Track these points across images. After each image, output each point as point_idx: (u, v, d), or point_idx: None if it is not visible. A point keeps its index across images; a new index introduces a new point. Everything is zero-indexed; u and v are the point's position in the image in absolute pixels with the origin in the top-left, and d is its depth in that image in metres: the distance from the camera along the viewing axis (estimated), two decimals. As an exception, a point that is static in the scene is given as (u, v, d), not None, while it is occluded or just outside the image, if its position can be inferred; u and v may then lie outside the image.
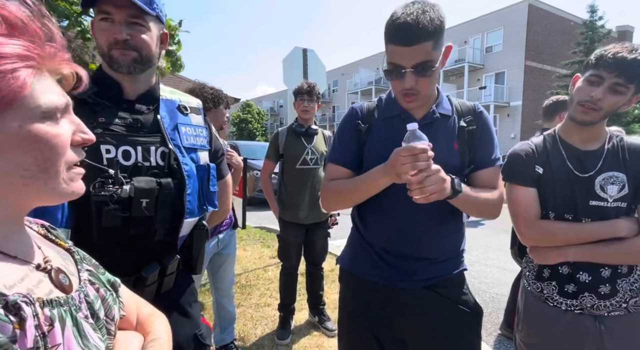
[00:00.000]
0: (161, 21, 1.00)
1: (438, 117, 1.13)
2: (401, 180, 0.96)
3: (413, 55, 0.98)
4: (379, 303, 1.16)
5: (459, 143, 1.13)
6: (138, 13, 0.91)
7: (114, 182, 0.86)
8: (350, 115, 1.22)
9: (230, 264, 2.25)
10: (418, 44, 0.96)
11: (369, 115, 1.20)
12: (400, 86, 1.05)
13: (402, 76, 1.02)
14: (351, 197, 1.16)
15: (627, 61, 1.06)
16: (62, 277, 0.49)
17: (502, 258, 4.43)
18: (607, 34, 17.88)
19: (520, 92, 21.29)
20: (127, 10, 0.90)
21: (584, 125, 1.17)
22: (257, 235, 5.48)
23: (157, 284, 0.99)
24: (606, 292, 1.16)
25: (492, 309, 3.14)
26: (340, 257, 1.31)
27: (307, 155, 2.47)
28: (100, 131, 0.90)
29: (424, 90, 1.05)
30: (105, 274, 0.62)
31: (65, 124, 0.47)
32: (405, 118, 1.11)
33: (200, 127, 1.10)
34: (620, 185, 1.14)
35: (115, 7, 0.90)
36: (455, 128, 1.14)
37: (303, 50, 4.44)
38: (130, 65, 0.93)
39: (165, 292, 1.02)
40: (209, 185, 1.07)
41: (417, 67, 0.99)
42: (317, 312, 2.74)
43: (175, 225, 0.99)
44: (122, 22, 0.91)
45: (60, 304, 0.45)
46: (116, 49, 0.92)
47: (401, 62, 1.00)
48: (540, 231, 1.19)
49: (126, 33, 0.91)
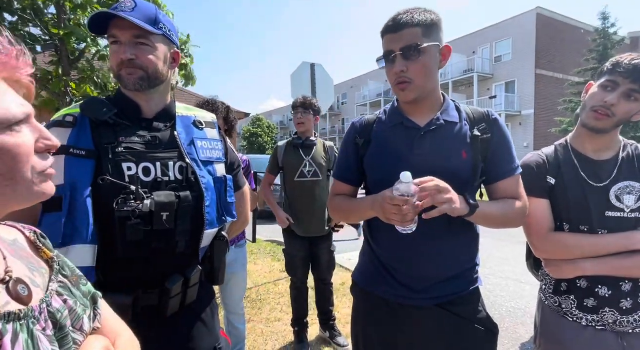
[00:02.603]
0: (171, 40, 1.04)
1: (442, 123, 1.11)
2: (388, 222, 0.97)
3: (400, 39, 1.03)
4: (390, 320, 1.13)
5: (469, 152, 1.09)
6: (142, 33, 0.96)
7: (135, 198, 0.90)
8: (349, 131, 1.25)
9: (238, 282, 2.22)
10: (405, 28, 1.02)
11: (367, 128, 1.20)
12: (393, 73, 1.07)
13: (393, 61, 1.05)
14: (350, 218, 1.22)
15: None
16: (21, 288, 0.48)
17: (519, 270, 4.30)
18: (620, 41, 17.66)
19: (532, 101, 21.06)
20: (131, 31, 0.95)
21: (597, 132, 1.15)
22: (267, 248, 5.47)
23: (182, 295, 1.01)
24: (628, 307, 1.11)
25: (509, 323, 3.03)
26: (354, 271, 1.30)
27: (304, 168, 2.48)
28: (122, 150, 0.94)
29: (417, 77, 1.05)
30: (87, 285, 0.62)
31: (27, 133, 0.48)
32: (409, 125, 1.12)
33: (216, 140, 1.13)
34: (638, 196, 1.11)
35: (120, 29, 0.95)
36: (466, 136, 1.10)
37: (311, 65, 4.51)
38: (136, 83, 0.97)
39: (188, 304, 1.04)
40: (226, 196, 1.09)
41: (404, 49, 1.02)
42: (327, 327, 2.69)
43: (196, 237, 1.01)
44: (127, 43, 0.96)
45: (17, 317, 0.44)
46: (123, 69, 0.96)
47: (390, 47, 1.05)
48: (554, 244, 1.16)
49: (131, 53, 0.95)
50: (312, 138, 2.55)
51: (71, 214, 0.86)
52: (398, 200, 0.90)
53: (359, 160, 1.19)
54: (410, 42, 1.02)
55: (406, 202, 0.89)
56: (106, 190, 0.89)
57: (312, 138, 2.55)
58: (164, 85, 1.05)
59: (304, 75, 4.49)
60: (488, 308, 1.17)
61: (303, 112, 2.50)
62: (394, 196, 0.91)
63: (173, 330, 1.01)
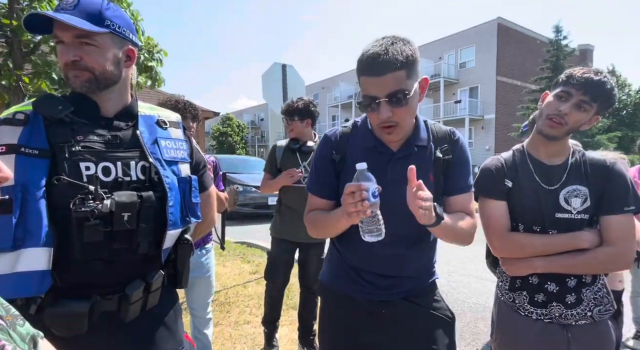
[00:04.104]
0: (123, 37, 0.99)
1: (414, 150, 1.11)
2: (353, 221, 0.97)
3: (385, 84, 0.96)
4: (359, 315, 1.18)
5: (434, 174, 1.12)
6: (84, 33, 0.90)
7: (94, 198, 0.87)
8: (324, 145, 1.20)
9: (205, 285, 2.16)
10: (389, 72, 0.95)
11: (342, 143, 1.18)
12: (376, 118, 1.02)
13: (377, 107, 1.00)
14: (325, 233, 1.20)
15: (594, 81, 1.15)
16: None
17: (480, 268, 4.53)
18: (571, 52, 19.12)
19: (493, 106, 22.19)
20: (72, 31, 0.90)
21: (550, 139, 1.24)
22: (237, 250, 5.38)
23: (143, 300, 0.98)
24: (572, 301, 1.21)
25: (470, 318, 3.19)
26: (321, 273, 1.32)
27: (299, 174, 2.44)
28: (79, 149, 0.91)
29: (403, 121, 1.02)
30: (25, 325, 0.57)
31: None
32: (382, 150, 1.12)
33: (180, 140, 1.11)
34: (583, 198, 1.21)
35: (62, 30, 0.91)
36: (431, 158, 1.13)
37: (282, 66, 4.50)
38: (83, 86, 0.94)
39: (149, 308, 1.02)
40: (191, 197, 1.08)
41: (390, 96, 0.97)
42: (306, 343, 2.60)
43: (158, 238, 0.99)
44: (70, 44, 0.91)
45: None
46: (69, 71, 0.93)
47: (374, 93, 0.99)
48: (510, 243, 1.24)
49: (74, 54, 0.91)
50: (311, 143, 2.50)
51: (23, 216, 0.82)
52: (352, 186, 0.91)
53: (336, 175, 1.18)
54: (396, 88, 0.96)
55: (359, 188, 0.90)
56: (62, 191, 0.86)
57: (311, 143, 2.50)
58: (120, 84, 1.01)
59: (276, 76, 4.47)
60: (451, 304, 1.25)
61: (289, 120, 2.48)
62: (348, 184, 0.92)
63: (133, 336, 0.98)
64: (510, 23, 22.49)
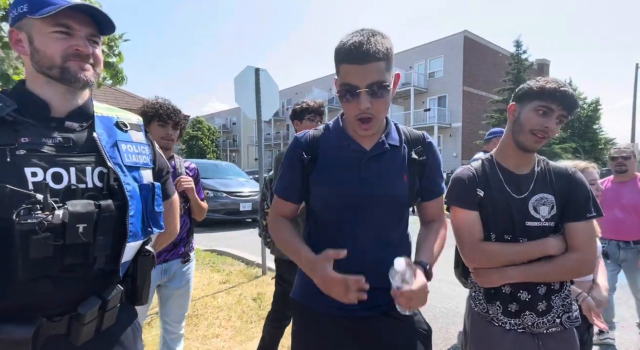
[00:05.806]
0: None
1: (387, 148, 1.12)
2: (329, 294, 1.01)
3: (367, 73, 0.96)
4: (337, 335, 1.12)
5: (408, 175, 1.12)
6: (97, 32, 0.93)
7: (43, 208, 0.77)
8: (294, 146, 1.18)
9: (180, 299, 2.02)
10: (371, 62, 0.95)
11: (312, 145, 1.16)
12: (355, 108, 1.01)
13: (357, 96, 0.99)
14: (286, 252, 1.19)
15: (568, 94, 1.18)
16: None
17: (450, 272, 4.60)
18: (530, 66, 20.46)
19: (460, 115, 23.12)
20: (90, 28, 0.91)
21: (529, 151, 1.26)
22: (206, 258, 5.18)
23: (97, 321, 0.88)
24: (543, 309, 1.23)
25: (442, 323, 3.23)
26: (293, 290, 1.24)
27: None
28: (24, 153, 0.81)
29: (379, 114, 1.03)
30: None
31: None
32: (355, 148, 1.11)
33: (142, 144, 1.03)
34: (550, 206, 1.24)
35: (78, 23, 0.89)
36: (405, 159, 1.14)
37: (255, 70, 4.42)
38: (89, 81, 0.92)
39: (105, 328, 0.92)
40: (153, 205, 1.00)
41: (371, 86, 0.97)
42: None
43: (117, 251, 0.90)
44: (81, 38, 0.90)
45: None
46: (76, 62, 0.89)
47: (355, 82, 0.98)
48: (482, 253, 1.24)
49: (90, 49, 0.91)
50: None
51: None
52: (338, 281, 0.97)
53: (305, 177, 1.15)
54: (377, 79, 0.97)
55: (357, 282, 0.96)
56: (3, 200, 0.76)
57: None
58: None
59: (249, 80, 4.38)
60: (423, 309, 1.22)
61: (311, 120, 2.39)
62: (335, 276, 0.97)
63: None
64: (475, 36, 23.63)
